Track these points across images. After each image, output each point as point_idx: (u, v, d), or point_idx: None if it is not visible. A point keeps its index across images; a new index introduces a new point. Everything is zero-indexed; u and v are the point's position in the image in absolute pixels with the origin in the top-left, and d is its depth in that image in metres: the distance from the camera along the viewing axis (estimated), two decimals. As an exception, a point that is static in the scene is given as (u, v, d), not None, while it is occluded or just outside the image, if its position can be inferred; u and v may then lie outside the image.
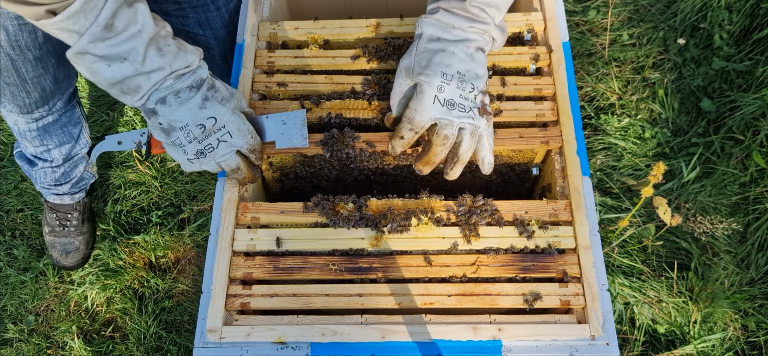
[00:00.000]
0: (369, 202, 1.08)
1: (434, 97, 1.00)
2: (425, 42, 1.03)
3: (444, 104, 1.00)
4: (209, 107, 0.98)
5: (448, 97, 1.00)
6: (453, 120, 1.01)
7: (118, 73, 0.90)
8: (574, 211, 1.07)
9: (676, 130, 2.21)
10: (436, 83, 1.00)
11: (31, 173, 1.91)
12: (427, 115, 1.01)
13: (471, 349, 0.96)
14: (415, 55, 1.03)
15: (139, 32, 0.89)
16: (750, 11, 2.25)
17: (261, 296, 1.02)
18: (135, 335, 1.96)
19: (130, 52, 0.89)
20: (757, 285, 1.91)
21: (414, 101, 1.03)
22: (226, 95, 1.01)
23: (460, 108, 1.01)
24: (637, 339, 1.84)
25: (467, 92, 1.01)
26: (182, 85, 0.96)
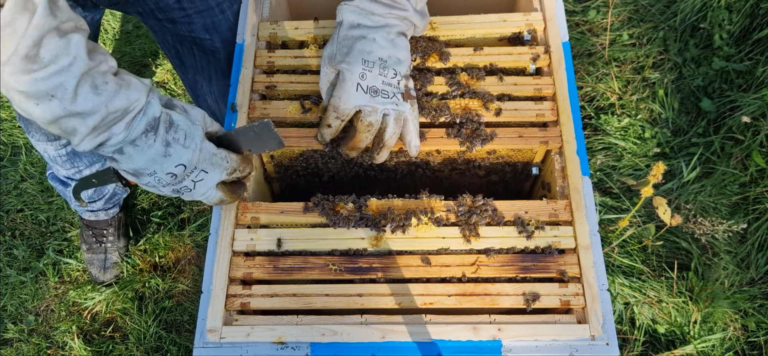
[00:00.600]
0: (369, 202, 1.08)
1: (357, 84, 1.02)
2: (346, 29, 1.04)
3: (367, 91, 1.02)
4: (174, 154, 0.89)
5: (370, 84, 1.02)
6: (377, 107, 1.02)
7: (48, 113, 0.78)
8: (574, 211, 1.07)
9: (676, 130, 2.21)
10: (358, 71, 1.02)
11: (65, 194, 1.90)
12: (351, 103, 1.03)
13: (471, 349, 0.96)
14: (336, 43, 1.04)
15: (69, 66, 0.76)
16: (750, 11, 2.25)
17: (261, 296, 1.02)
18: (135, 335, 1.96)
19: (57, 89, 0.76)
20: (757, 285, 1.91)
21: (337, 89, 1.04)
22: (187, 128, 0.91)
23: (384, 94, 1.02)
24: (637, 339, 1.84)
25: (390, 78, 1.02)
26: (136, 133, 0.84)
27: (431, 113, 1.15)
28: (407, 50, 1.06)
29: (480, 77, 1.19)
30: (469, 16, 1.25)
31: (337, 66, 1.04)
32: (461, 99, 1.17)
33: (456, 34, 1.25)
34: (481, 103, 1.16)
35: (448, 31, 1.25)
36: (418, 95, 1.18)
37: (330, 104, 1.06)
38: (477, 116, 1.15)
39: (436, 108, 1.16)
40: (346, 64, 1.03)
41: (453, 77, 1.19)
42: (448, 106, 1.16)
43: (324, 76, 1.08)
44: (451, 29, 1.25)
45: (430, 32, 1.24)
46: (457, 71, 1.20)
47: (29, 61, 0.73)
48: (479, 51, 1.22)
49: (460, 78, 1.19)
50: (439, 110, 1.15)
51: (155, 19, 1.35)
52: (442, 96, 1.19)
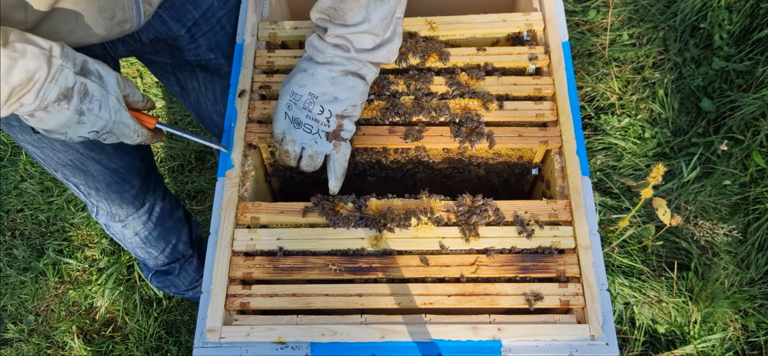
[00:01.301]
0: (369, 202, 1.08)
1: (284, 113, 1.08)
2: (301, 61, 1.11)
3: (293, 120, 1.07)
4: (87, 122, 0.92)
5: (294, 115, 1.07)
6: (295, 138, 1.08)
7: None
8: (573, 211, 1.07)
9: (676, 130, 2.21)
10: (286, 100, 1.07)
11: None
12: (278, 127, 1.09)
13: (471, 349, 0.96)
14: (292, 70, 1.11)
15: None
16: (750, 11, 2.25)
17: (261, 296, 1.02)
18: (135, 335, 1.96)
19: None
20: (757, 285, 1.91)
21: (273, 113, 1.10)
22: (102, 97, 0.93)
23: (306, 128, 1.07)
24: (637, 339, 1.84)
25: (316, 114, 1.06)
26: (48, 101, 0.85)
27: (431, 112, 1.15)
28: (353, 91, 1.07)
29: (480, 77, 1.19)
30: (469, 16, 1.25)
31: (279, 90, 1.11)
32: (461, 99, 1.17)
33: (456, 34, 1.25)
34: (481, 103, 1.16)
35: (448, 31, 1.25)
36: (418, 95, 1.18)
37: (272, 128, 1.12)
38: (477, 115, 1.15)
39: (436, 108, 1.16)
40: (281, 91, 1.09)
41: (453, 77, 1.19)
42: (448, 106, 1.16)
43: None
44: (451, 29, 1.25)
45: (430, 32, 1.24)
46: (456, 71, 1.20)
47: None
48: (479, 51, 1.22)
49: (460, 78, 1.19)
50: (439, 110, 1.15)
51: (162, 56, 1.35)
52: (442, 96, 1.19)
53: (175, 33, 1.25)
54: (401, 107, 1.16)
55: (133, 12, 1.06)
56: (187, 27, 1.26)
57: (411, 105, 1.17)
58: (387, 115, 1.16)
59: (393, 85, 1.18)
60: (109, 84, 0.95)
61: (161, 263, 1.70)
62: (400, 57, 1.20)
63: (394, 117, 1.16)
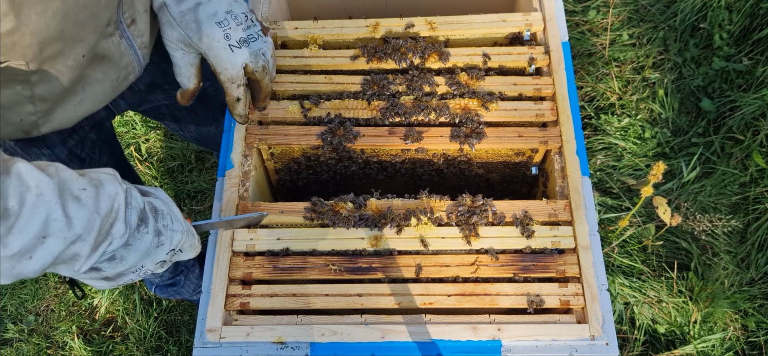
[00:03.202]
0: (369, 202, 1.08)
1: (229, 46, 0.99)
2: (175, 5, 1.00)
3: (240, 45, 1.00)
4: (166, 242, 0.84)
5: (238, 38, 1.00)
6: (257, 51, 1.02)
7: (47, 256, 0.69)
8: (573, 211, 1.06)
9: (676, 130, 2.21)
10: (220, 35, 0.99)
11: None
12: (238, 63, 1.00)
13: (471, 349, 0.96)
14: (178, 24, 1.00)
15: (40, 195, 0.67)
16: (750, 11, 2.25)
17: (261, 296, 1.02)
18: (135, 335, 1.96)
19: (48, 224, 0.67)
20: (757, 285, 1.91)
21: (217, 62, 1.00)
22: (168, 209, 0.86)
23: (252, 38, 1.01)
24: (637, 339, 1.84)
25: (246, 23, 1.01)
26: (133, 226, 0.78)
27: (431, 112, 1.15)
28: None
29: (479, 77, 1.19)
30: (469, 16, 1.25)
31: (196, 45, 1.00)
32: (461, 99, 1.17)
33: (456, 34, 1.25)
34: (481, 103, 1.16)
35: (448, 31, 1.25)
36: (418, 95, 1.18)
37: (222, 80, 1.02)
38: (476, 115, 1.15)
39: (436, 108, 1.16)
40: (207, 38, 0.98)
41: (453, 77, 1.19)
42: (448, 106, 1.16)
43: (180, 62, 1.03)
44: (451, 29, 1.25)
45: (430, 32, 1.24)
46: (456, 71, 1.20)
47: (3, 220, 0.63)
48: (479, 51, 1.22)
49: (460, 78, 1.19)
50: (439, 110, 1.15)
51: (157, 99, 1.33)
52: (442, 96, 1.19)
53: (170, 74, 1.23)
54: (401, 107, 1.16)
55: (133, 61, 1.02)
56: None
57: (411, 105, 1.17)
58: (387, 115, 1.16)
59: (393, 86, 1.18)
60: (163, 197, 0.88)
61: (166, 279, 1.70)
62: (400, 57, 1.21)
63: (394, 117, 1.16)
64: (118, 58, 0.98)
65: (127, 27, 0.97)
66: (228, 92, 1.03)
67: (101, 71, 0.97)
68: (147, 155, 2.31)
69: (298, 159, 1.24)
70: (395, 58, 1.21)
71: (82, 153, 1.14)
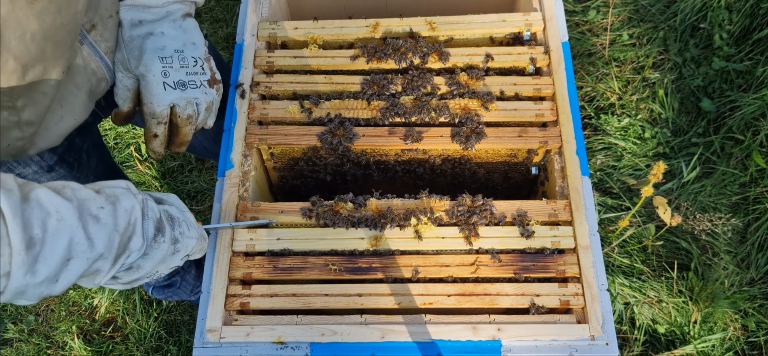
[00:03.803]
0: (369, 202, 1.08)
1: (163, 83, 0.99)
2: (128, 29, 0.99)
3: (176, 86, 1.00)
4: (181, 249, 0.86)
5: (176, 78, 0.99)
6: (190, 98, 1.01)
7: (72, 277, 0.71)
8: (573, 211, 1.06)
9: (676, 130, 2.21)
10: (159, 70, 0.98)
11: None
12: (165, 102, 1.00)
13: (471, 349, 0.96)
14: (125, 47, 1.00)
15: (61, 219, 0.68)
16: (750, 11, 2.25)
17: (260, 296, 1.02)
18: (135, 335, 1.96)
19: (71, 247, 0.69)
20: (757, 285, 1.91)
21: (146, 93, 1.00)
22: (183, 216, 0.87)
23: (192, 85, 1.01)
24: (637, 339, 1.84)
25: (192, 67, 1.00)
26: (150, 238, 0.80)
27: (431, 113, 1.15)
28: (197, 30, 1.03)
29: (479, 77, 1.19)
30: (469, 16, 1.25)
31: (134, 71, 1.00)
32: (461, 99, 1.17)
33: (456, 34, 1.25)
34: (481, 103, 1.16)
35: (448, 31, 1.25)
36: (418, 95, 1.18)
37: (146, 112, 1.02)
38: (476, 115, 1.15)
39: (435, 108, 1.16)
40: (143, 68, 0.98)
41: (452, 77, 1.19)
42: (448, 106, 1.16)
43: (119, 82, 1.03)
44: (451, 29, 1.25)
45: (430, 32, 1.24)
46: (456, 71, 1.20)
47: (30, 249, 0.65)
48: (479, 51, 1.22)
49: (460, 78, 1.19)
50: (439, 110, 1.15)
51: None
52: (442, 96, 1.19)
53: None
54: (401, 107, 1.16)
55: (100, 66, 1.00)
56: None
57: (411, 105, 1.17)
58: (387, 115, 1.16)
59: (393, 86, 1.18)
60: (178, 203, 0.89)
61: (162, 280, 1.69)
62: (400, 57, 1.21)
63: (395, 117, 1.16)
64: (84, 67, 0.97)
65: (87, 33, 0.95)
66: (147, 125, 1.03)
67: (73, 83, 0.96)
68: (147, 155, 2.31)
69: (298, 159, 1.24)
70: (395, 58, 1.21)
71: (70, 158, 1.14)
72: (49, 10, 0.76)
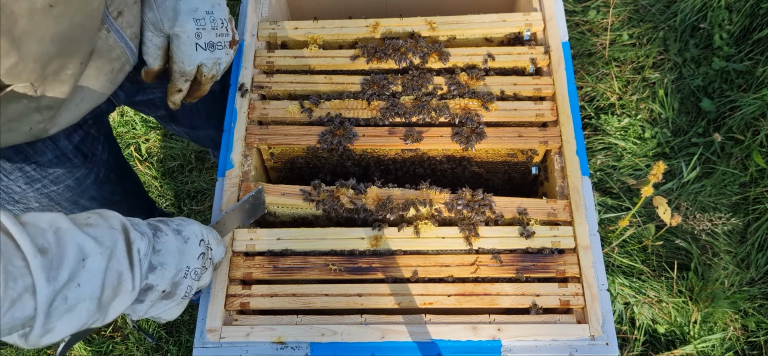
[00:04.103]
0: (369, 189, 1.08)
1: (195, 44, 1.03)
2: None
3: (206, 47, 1.04)
4: (191, 238, 0.89)
5: (207, 40, 1.04)
6: (216, 59, 1.05)
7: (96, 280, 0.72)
8: (573, 211, 1.06)
9: (676, 130, 2.21)
10: (193, 31, 1.02)
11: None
12: (195, 61, 1.05)
13: (471, 349, 0.96)
14: (157, 9, 1.03)
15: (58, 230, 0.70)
16: (750, 11, 2.25)
17: (260, 296, 1.02)
18: (135, 335, 1.96)
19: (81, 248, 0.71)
20: (757, 285, 1.91)
21: (178, 53, 1.04)
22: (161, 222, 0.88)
23: (219, 46, 1.05)
24: (637, 339, 1.84)
25: (220, 29, 1.04)
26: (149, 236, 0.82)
27: (431, 112, 1.15)
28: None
29: (479, 77, 1.19)
30: (469, 16, 1.25)
31: (167, 31, 1.03)
32: (461, 99, 1.17)
33: (456, 34, 1.25)
34: (481, 103, 1.16)
35: (448, 31, 1.25)
36: (418, 95, 1.18)
37: (175, 69, 1.06)
38: (476, 115, 1.15)
39: (436, 108, 1.16)
40: (179, 28, 1.02)
41: (453, 77, 1.19)
42: (448, 106, 1.16)
43: (149, 42, 1.06)
44: (451, 29, 1.25)
45: (430, 32, 1.24)
46: (456, 71, 1.20)
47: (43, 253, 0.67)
48: (479, 51, 1.22)
49: (460, 78, 1.19)
50: (439, 110, 1.15)
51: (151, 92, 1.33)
52: (442, 96, 1.19)
53: None
54: (401, 107, 1.16)
55: (125, 52, 1.03)
56: None
57: (411, 105, 1.17)
58: (387, 115, 1.16)
59: (393, 86, 1.18)
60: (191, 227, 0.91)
61: None
62: (400, 57, 1.21)
63: (395, 117, 1.16)
64: (108, 52, 1.00)
65: (114, 20, 0.98)
66: (174, 82, 1.08)
67: (95, 67, 0.99)
68: (147, 155, 2.31)
69: (298, 159, 1.24)
70: (395, 58, 1.21)
71: (84, 149, 1.16)
72: (66, 13, 0.78)
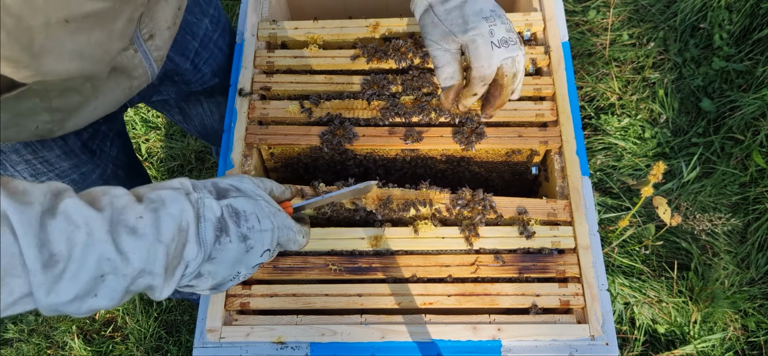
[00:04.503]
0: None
1: (491, 43, 0.98)
2: (440, 5, 1.00)
3: (500, 45, 0.98)
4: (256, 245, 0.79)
5: (500, 37, 0.98)
6: (513, 55, 0.99)
7: (114, 294, 0.65)
8: (573, 211, 1.07)
9: (676, 130, 2.21)
10: (486, 30, 0.98)
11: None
12: (494, 62, 0.98)
13: (471, 349, 0.96)
14: (443, 21, 1.00)
15: (91, 233, 0.63)
16: (750, 11, 2.25)
17: (260, 296, 1.02)
18: (135, 335, 1.96)
19: (101, 264, 0.63)
20: (757, 285, 1.91)
21: (476, 58, 0.98)
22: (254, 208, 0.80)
23: (511, 41, 1.00)
24: (637, 339, 1.84)
25: (508, 24, 1.01)
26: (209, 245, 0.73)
27: (431, 112, 1.15)
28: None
29: (480, 77, 1.18)
30: (469, 16, 1.25)
31: (461, 38, 0.99)
32: (461, 99, 1.17)
33: (456, 34, 1.25)
34: (481, 103, 1.16)
35: (448, 31, 1.25)
36: (418, 95, 1.18)
37: (474, 75, 1.00)
38: (477, 116, 1.15)
39: (436, 108, 1.16)
40: (472, 31, 0.98)
41: (453, 77, 1.19)
42: (448, 106, 1.16)
43: (442, 59, 1.02)
44: (450, 29, 1.25)
45: (429, 32, 1.24)
46: (456, 71, 1.20)
47: (49, 268, 0.60)
48: (479, 51, 1.22)
49: (460, 78, 1.19)
50: (439, 110, 1.15)
51: (166, 92, 1.33)
52: (442, 96, 1.19)
53: (181, 68, 1.24)
54: (401, 107, 1.16)
55: (147, 71, 1.02)
56: (190, 59, 1.25)
57: (411, 105, 1.17)
58: (387, 115, 1.16)
59: (393, 86, 1.18)
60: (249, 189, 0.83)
61: None
62: (400, 57, 1.21)
63: (394, 117, 1.16)
64: (132, 70, 0.98)
65: (145, 42, 0.97)
66: (472, 88, 1.01)
67: (114, 81, 0.97)
68: (147, 155, 2.31)
69: (298, 159, 1.24)
70: (395, 59, 1.21)
71: (93, 145, 1.14)
72: (83, 29, 0.76)
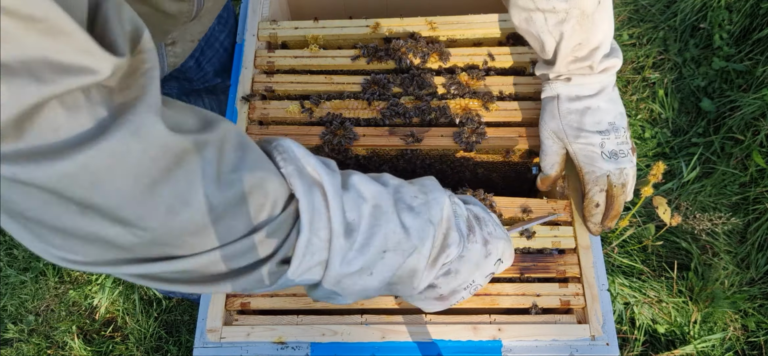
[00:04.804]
0: None
1: (601, 154, 1.01)
2: (566, 102, 1.03)
3: (610, 157, 1.01)
4: (493, 251, 0.79)
5: (610, 149, 1.02)
6: (622, 168, 1.02)
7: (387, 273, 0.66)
8: (574, 211, 1.07)
9: (676, 130, 2.21)
10: (598, 142, 1.01)
11: None
12: (603, 169, 1.02)
13: (471, 349, 0.96)
14: (560, 119, 1.03)
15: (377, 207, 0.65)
16: (750, 11, 2.25)
17: (261, 296, 1.02)
18: (135, 335, 1.96)
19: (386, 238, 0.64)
20: (757, 285, 1.91)
21: (585, 163, 1.03)
22: (486, 214, 0.81)
23: (621, 154, 1.02)
24: (637, 339, 1.84)
25: (622, 138, 1.03)
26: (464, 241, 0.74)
27: (432, 113, 1.15)
28: (620, 99, 1.06)
29: (480, 77, 1.19)
30: (469, 16, 1.25)
31: (572, 143, 1.03)
32: (461, 99, 1.17)
33: (456, 34, 1.25)
34: (481, 103, 1.16)
35: (448, 31, 1.25)
36: (418, 95, 1.18)
37: (588, 180, 1.04)
38: (477, 116, 1.16)
39: (436, 108, 1.16)
40: (583, 139, 1.02)
41: (453, 77, 1.19)
42: (449, 106, 1.16)
43: (549, 150, 1.07)
44: (451, 29, 1.25)
45: (430, 32, 1.24)
46: (457, 71, 1.20)
47: (348, 235, 0.62)
48: (479, 51, 1.22)
49: (460, 78, 1.19)
50: (440, 111, 1.15)
51: (167, 88, 1.33)
52: (443, 96, 1.19)
53: (185, 65, 1.24)
54: (401, 107, 1.16)
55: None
56: (195, 57, 1.25)
57: (411, 105, 1.17)
58: (387, 115, 1.16)
59: (393, 86, 1.18)
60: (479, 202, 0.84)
61: None
62: (401, 57, 1.21)
63: (395, 118, 1.16)
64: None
65: (166, 46, 1.01)
66: (589, 194, 1.04)
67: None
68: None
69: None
70: (395, 59, 1.21)
71: None
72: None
